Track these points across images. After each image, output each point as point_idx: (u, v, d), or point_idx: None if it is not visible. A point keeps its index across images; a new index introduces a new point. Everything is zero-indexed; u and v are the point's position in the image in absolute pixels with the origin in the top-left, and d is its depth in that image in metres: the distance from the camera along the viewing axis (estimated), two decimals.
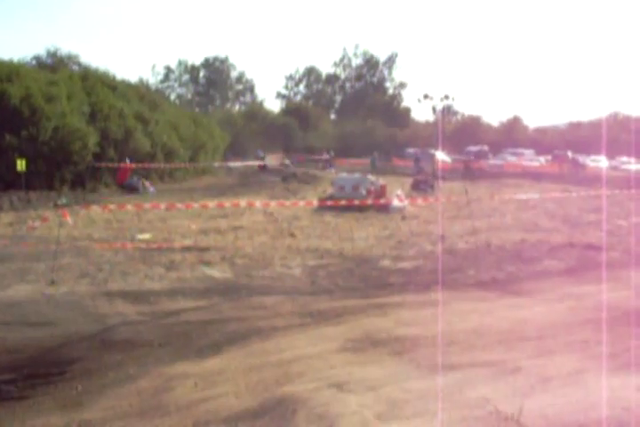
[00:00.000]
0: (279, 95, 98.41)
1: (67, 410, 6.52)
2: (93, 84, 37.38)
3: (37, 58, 48.94)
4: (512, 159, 58.09)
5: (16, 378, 7.38)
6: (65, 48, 76.04)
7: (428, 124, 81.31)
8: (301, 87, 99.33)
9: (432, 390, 6.34)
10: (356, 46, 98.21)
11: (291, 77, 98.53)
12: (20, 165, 27.49)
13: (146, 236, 17.12)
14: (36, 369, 7.67)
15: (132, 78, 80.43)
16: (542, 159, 59.61)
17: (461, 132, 77.17)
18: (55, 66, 45.39)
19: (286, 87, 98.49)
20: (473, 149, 62.79)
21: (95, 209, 19.34)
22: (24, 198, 26.75)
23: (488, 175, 43.52)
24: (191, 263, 13.33)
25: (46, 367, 7.74)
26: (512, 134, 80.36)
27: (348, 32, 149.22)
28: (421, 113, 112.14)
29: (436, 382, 6.57)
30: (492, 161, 55.94)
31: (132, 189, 32.30)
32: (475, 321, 9.02)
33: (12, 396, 6.98)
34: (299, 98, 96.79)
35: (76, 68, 47.29)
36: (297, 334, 8.53)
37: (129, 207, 18.58)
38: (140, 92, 43.90)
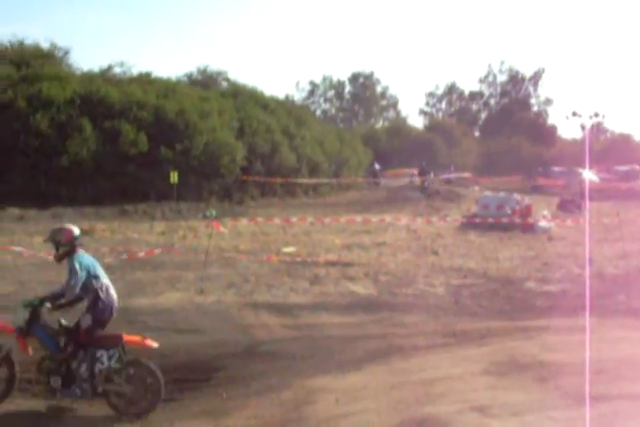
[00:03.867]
0: (421, 112, 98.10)
1: (212, 416, 6.74)
2: (243, 100, 38.50)
3: (189, 75, 50.75)
4: None
5: (166, 382, 7.67)
6: (214, 65, 78.68)
7: (575, 142, 78.85)
8: (443, 104, 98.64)
9: (579, 421, 6.08)
10: (502, 62, 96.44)
11: (431, 94, 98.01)
12: (173, 177, 28.60)
13: (291, 249, 17.41)
14: (184, 374, 7.97)
15: (278, 94, 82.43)
16: None
17: (611, 151, 74.39)
18: (205, 83, 46.92)
19: (427, 104, 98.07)
20: (622, 168, 60.24)
21: (243, 221, 19.86)
22: (175, 209, 27.84)
23: (639, 196, 41.59)
24: (335, 278, 13.45)
25: (194, 373, 8.02)
26: None
27: (492, 48, 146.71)
28: (569, 131, 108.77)
29: (584, 412, 6.30)
30: None
31: None
32: (625, 350, 8.63)
33: (162, 398, 7.26)
34: (441, 115, 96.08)
35: (224, 84, 48.72)
36: (439, 354, 8.44)
37: (276, 221, 19.00)
38: (287, 107, 44.79)
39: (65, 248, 6.97)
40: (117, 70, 36.27)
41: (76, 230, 7.07)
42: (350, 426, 6.28)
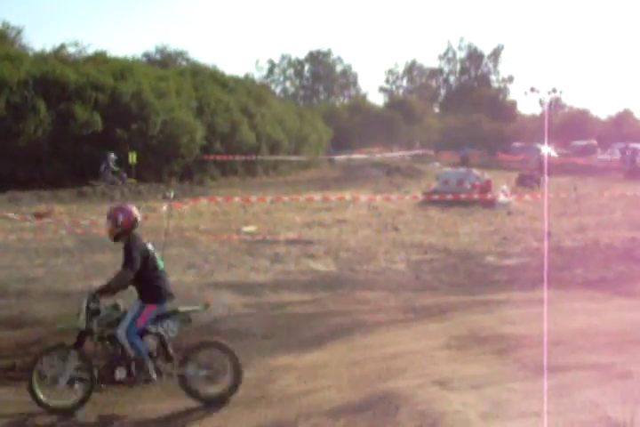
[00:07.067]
0: (381, 89, 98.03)
1: (174, 397, 6.70)
2: (202, 79, 38.16)
3: (147, 55, 50.25)
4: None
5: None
6: (174, 45, 77.88)
7: (534, 117, 79.42)
8: (404, 81, 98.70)
9: (537, 392, 6.14)
10: (461, 39, 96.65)
11: (391, 72, 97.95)
12: (132, 157, 28.36)
13: (251, 228, 17.38)
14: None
15: (238, 73, 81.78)
16: None
17: (569, 126, 75.06)
18: (164, 62, 46.46)
19: (387, 81, 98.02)
20: (580, 143, 60.88)
21: (203, 201, 19.75)
22: (134, 190, 27.58)
23: (596, 171, 42.11)
24: (295, 256, 13.46)
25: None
26: (622, 128, 77.60)
27: (452, 25, 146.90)
28: (528, 106, 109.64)
29: (542, 383, 6.37)
30: (601, 156, 54.12)
31: None
32: (582, 322, 8.76)
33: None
34: (401, 92, 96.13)
35: (184, 63, 48.27)
36: (400, 329, 8.50)
37: (236, 200, 18.92)
38: (246, 86, 44.51)
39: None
40: (71, 50, 35.71)
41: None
42: (312, 403, 6.29)
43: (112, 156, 28.33)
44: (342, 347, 7.87)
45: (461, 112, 78.36)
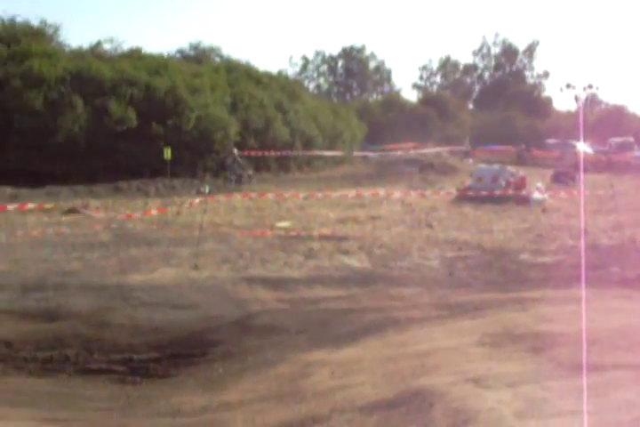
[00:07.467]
0: (415, 86, 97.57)
1: (208, 390, 6.75)
2: (236, 75, 38.34)
3: (181, 51, 50.56)
4: None
5: (161, 357, 7.71)
6: (207, 41, 78.29)
7: (569, 114, 78.62)
8: (438, 77, 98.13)
9: (573, 391, 6.06)
10: (496, 35, 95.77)
11: (425, 68, 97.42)
12: (167, 153, 28.58)
13: (285, 224, 17.41)
14: (179, 350, 7.99)
15: (271, 69, 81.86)
16: None
17: (605, 123, 74.15)
18: (198, 58, 46.73)
19: (421, 77, 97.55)
20: (617, 140, 60.08)
21: (237, 197, 19.82)
22: (169, 185, 27.82)
23: (633, 168, 41.55)
24: (329, 252, 13.45)
25: (189, 348, 8.04)
26: None
27: (487, 21, 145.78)
28: (563, 103, 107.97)
29: (578, 382, 6.31)
30: (638, 153, 53.39)
31: None
32: (619, 321, 8.62)
33: (158, 374, 7.29)
34: (435, 88, 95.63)
35: (217, 60, 48.50)
36: (434, 326, 8.44)
37: (269, 196, 18.97)
38: (280, 82, 44.60)
39: None
40: (107, 46, 36.06)
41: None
42: (346, 398, 6.28)
43: (236, 151, 29.23)
44: (376, 343, 7.84)
45: (495, 108, 77.84)
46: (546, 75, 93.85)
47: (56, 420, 6.11)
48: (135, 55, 35.07)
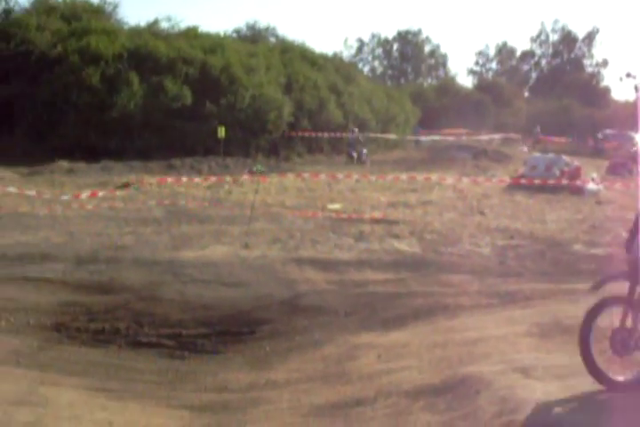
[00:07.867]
0: (470, 71, 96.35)
1: (255, 368, 6.80)
2: (291, 56, 38.31)
3: (238, 31, 50.81)
4: None
5: (209, 334, 7.78)
6: (263, 21, 78.45)
7: (628, 104, 76.95)
8: (494, 64, 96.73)
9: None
10: (555, 21, 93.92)
11: (481, 53, 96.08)
12: (220, 132, 28.67)
13: (336, 206, 17.40)
14: (228, 327, 8.04)
15: (326, 51, 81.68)
16: None
17: None
18: (254, 38, 46.88)
19: (477, 63, 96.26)
20: None
21: (289, 177, 19.86)
22: (222, 164, 27.95)
23: None
24: (380, 235, 13.41)
25: (238, 326, 8.09)
26: None
27: (545, 7, 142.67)
28: (622, 93, 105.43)
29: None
30: None
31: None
32: None
33: (206, 350, 7.36)
34: (490, 75, 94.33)
35: (273, 40, 48.60)
36: (483, 314, 8.37)
37: (322, 177, 18.96)
38: (334, 64, 44.46)
39: None
40: (164, 25, 36.26)
41: None
42: (392, 382, 6.26)
43: (357, 130, 30.15)
44: (424, 328, 7.80)
45: (552, 97, 76.57)
46: (605, 63, 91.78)
47: (106, 390, 6.22)
48: (191, 34, 35.22)
